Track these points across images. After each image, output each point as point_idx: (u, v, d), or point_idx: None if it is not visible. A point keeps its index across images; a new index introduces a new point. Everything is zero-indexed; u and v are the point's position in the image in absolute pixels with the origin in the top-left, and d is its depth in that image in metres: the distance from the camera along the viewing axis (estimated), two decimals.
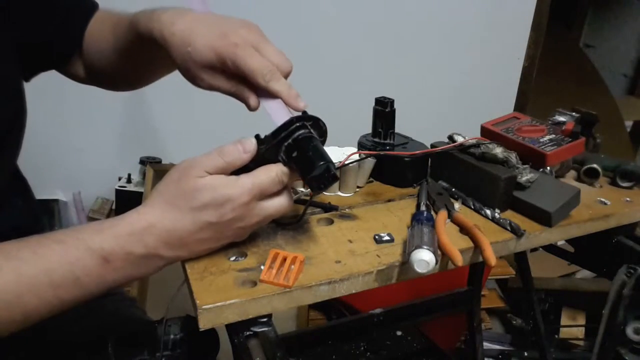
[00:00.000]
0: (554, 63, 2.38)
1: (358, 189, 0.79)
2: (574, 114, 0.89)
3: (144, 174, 1.56)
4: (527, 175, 0.72)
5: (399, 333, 1.44)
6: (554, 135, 0.79)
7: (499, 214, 0.71)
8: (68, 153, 1.61)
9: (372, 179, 0.82)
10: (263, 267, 0.56)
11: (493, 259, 0.60)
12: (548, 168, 0.78)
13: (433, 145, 0.79)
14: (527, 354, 1.85)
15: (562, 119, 0.88)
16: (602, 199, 0.79)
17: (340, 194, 0.77)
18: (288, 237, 0.64)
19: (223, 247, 0.59)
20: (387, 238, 0.64)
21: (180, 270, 0.58)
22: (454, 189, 0.77)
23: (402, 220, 0.69)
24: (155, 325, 0.70)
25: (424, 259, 0.55)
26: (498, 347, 1.92)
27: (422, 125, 0.99)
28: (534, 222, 0.70)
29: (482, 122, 0.83)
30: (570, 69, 2.56)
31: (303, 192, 0.74)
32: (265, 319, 0.56)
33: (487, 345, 1.84)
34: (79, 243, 0.52)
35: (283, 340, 0.55)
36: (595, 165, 0.83)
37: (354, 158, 0.75)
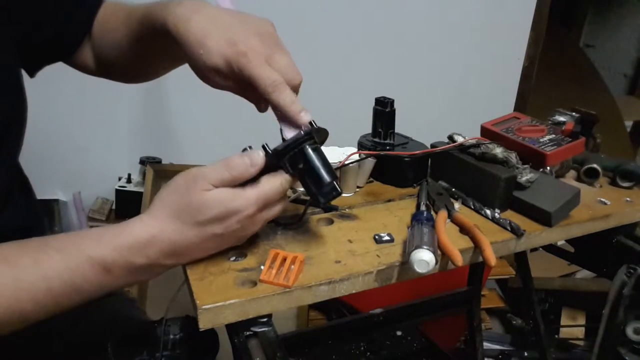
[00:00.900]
0: (554, 63, 2.38)
1: (358, 189, 0.79)
2: (574, 114, 0.88)
3: (144, 174, 1.56)
4: (527, 175, 0.72)
5: (399, 333, 1.43)
6: (554, 135, 0.79)
7: (499, 214, 0.71)
8: (68, 153, 1.61)
9: (372, 179, 0.82)
10: (263, 267, 0.56)
11: (493, 259, 0.60)
12: (548, 168, 0.78)
13: (433, 145, 0.79)
14: (527, 354, 1.85)
15: (562, 119, 0.88)
16: (602, 199, 0.79)
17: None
18: (288, 237, 0.64)
19: None
20: (387, 238, 0.64)
21: (180, 270, 0.58)
22: (454, 189, 0.77)
23: (402, 220, 0.69)
24: (155, 326, 0.70)
25: (424, 259, 0.55)
26: (498, 347, 1.92)
27: (422, 125, 0.99)
28: (534, 222, 0.71)
29: (482, 122, 0.83)
30: (570, 69, 2.56)
31: (303, 192, 0.74)
32: (265, 319, 0.56)
33: (487, 345, 1.84)
34: (80, 252, 0.52)
35: (283, 340, 0.55)
36: (595, 165, 0.83)
37: (354, 158, 0.75)
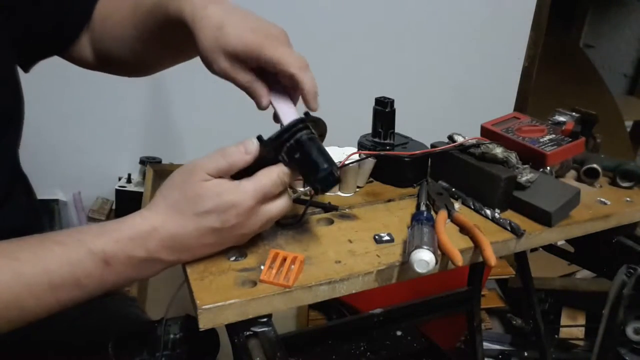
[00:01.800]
0: (554, 63, 2.38)
1: (358, 189, 0.79)
2: (574, 114, 0.88)
3: (144, 174, 1.56)
4: (527, 175, 0.72)
5: (399, 333, 1.43)
6: (554, 135, 0.79)
7: (499, 214, 0.71)
8: (68, 153, 1.61)
9: (372, 179, 0.82)
10: (263, 267, 0.56)
11: (493, 259, 0.60)
12: (548, 168, 0.78)
13: (433, 145, 0.79)
14: (527, 354, 1.85)
15: (562, 119, 0.88)
16: (602, 199, 0.79)
17: (340, 194, 0.77)
18: (288, 237, 0.64)
19: None
20: (387, 238, 0.64)
21: (180, 270, 0.58)
22: (454, 189, 0.77)
23: (402, 220, 0.69)
24: (155, 325, 0.70)
25: (424, 259, 0.55)
26: (498, 347, 1.92)
27: (422, 125, 0.98)
28: (534, 222, 0.70)
29: (482, 122, 0.83)
30: (570, 69, 2.56)
31: (303, 191, 0.74)
32: (265, 319, 0.56)
33: (487, 345, 1.84)
34: (80, 245, 0.52)
35: (283, 340, 0.55)
36: (595, 165, 0.83)
37: (354, 158, 0.75)
